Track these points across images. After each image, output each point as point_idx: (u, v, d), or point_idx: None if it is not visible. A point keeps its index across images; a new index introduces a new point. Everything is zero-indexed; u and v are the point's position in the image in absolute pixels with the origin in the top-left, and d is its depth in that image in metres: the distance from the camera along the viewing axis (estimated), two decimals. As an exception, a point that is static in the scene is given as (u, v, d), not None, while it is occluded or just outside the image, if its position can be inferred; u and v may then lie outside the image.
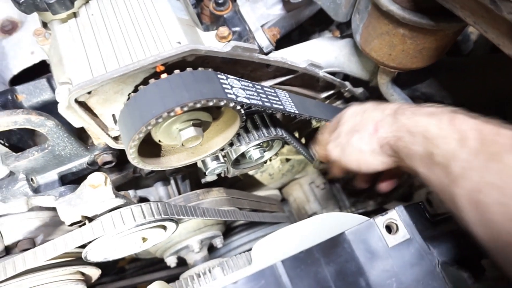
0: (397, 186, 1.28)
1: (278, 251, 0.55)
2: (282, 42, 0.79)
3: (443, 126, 0.44)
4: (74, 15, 0.57)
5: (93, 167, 0.68)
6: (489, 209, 0.36)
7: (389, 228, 0.49)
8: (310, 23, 0.94)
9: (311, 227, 0.57)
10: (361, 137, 0.57)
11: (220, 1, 0.74)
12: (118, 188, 0.85)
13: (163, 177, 0.91)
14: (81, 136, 0.68)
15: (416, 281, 0.44)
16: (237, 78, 0.56)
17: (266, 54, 0.74)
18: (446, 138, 0.43)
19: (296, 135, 0.97)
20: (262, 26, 0.74)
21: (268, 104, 0.59)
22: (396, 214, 0.48)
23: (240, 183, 1.16)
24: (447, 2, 0.46)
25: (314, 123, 0.93)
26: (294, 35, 0.93)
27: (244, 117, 0.57)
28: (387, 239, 0.46)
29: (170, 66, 0.52)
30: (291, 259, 0.42)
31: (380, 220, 0.48)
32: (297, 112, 0.65)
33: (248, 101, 0.55)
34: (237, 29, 0.74)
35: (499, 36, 0.41)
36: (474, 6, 0.42)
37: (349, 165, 0.60)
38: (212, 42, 0.57)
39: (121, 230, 0.56)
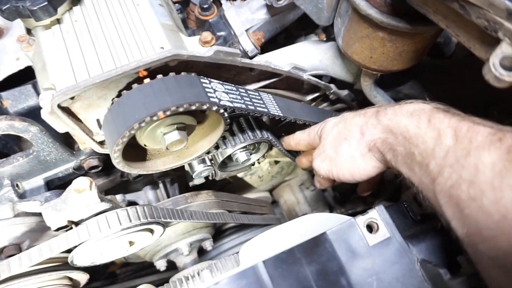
0: (385, 187, 1.30)
1: (264, 252, 0.56)
2: (268, 46, 0.80)
3: (421, 125, 0.45)
4: (58, 21, 0.58)
5: (80, 172, 0.68)
6: (464, 205, 0.37)
7: (370, 228, 0.50)
8: (296, 27, 0.95)
9: (296, 228, 0.58)
10: (349, 144, 0.56)
11: (205, 6, 0.75)
12: (107, 192, 0.85)
13: (151, 181, 0.91)
14: (67, 141, 0.68)
15: (396, 279, 0.45)
16: (221, 82, 0.57)
17: (251, 58, 0.75)
18: (424, 137, 0.44)
19: (284, 137, 0.98)
20: (246, 30, 0.75)
21: (252, 107, 0.60)
22: (377, 214, 0.49)
23: (230, 185, 1.17)
24: (421, 7, 0.48)
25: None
26: (280, 39, 0.94)
27: (228, 120, 0.58)
28: (368, 238, 0.47)
29: (153, 71, 0.52)
30: (273, 259, 0.42)
31: (361, 220, 0.49)
32: (281, 114, 0.66)
33: (231, 105, 0.55)
34: (222, 33, 0.75)
35: (470, 40, 0.43)
36: (446, 11, 0.43)
37: (341, 176, 0.59)
38: (195, 47, 0.58)
39: (107, 234, 0.57)
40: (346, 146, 0.56)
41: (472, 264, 0.38)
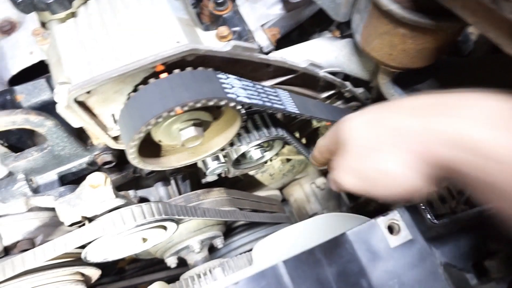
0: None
1: (278, 251, 0.55)
2: (282, 42, 0.79)
3: (498, 135, 0.33)
4: (73, 15, 0.57)
5: (93, 167, 0.68)
6: None
7: (391, 229, 0.49)
8: (310, 23, 0.94)
9: (312, 228, 0.57)
10: (387, 155, 0.41)
11: (219, 1, 0.74)
12: (118, 188, 0.85)
13: (163, 177, 0.91)
14: (80, 136, 0.68)
15: (418, 282, 0.44)
16: (238, 78, 0.56)
17: (266, 54, 0.74)
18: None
19: (297, 135, 0.97)
20: (262, 26, 0.74)
21: (269, 104, 0.59)
22: (398, 215, 0.48)
23: (240, 183, 1.16)
24: (447, 1, 0.46)
25: (315, 123, 0.93)
26: (294, 35, 0.92)
27: (245, 117, 0.57)
28: (389, 240, 0.46)
29: (170, 66, 0.51)
30: (293, 259, 0.42)
31: (382, 221, 0.48)
32: (298, 112, 0.65)
33: (248, 101, 0.54)
34: (236, 29, 0.74)
35: (500, 36, 0.41)
36: (475, 6, 0.42)
37: (376, 194, 0.44)
38: (211, 41, 0.57)
39: (121, 231, 0.56)
40: (382, 159, 0.42)
41: (501, 268, 0.36)
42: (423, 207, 0.57)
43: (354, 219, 0.53)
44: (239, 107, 0.53)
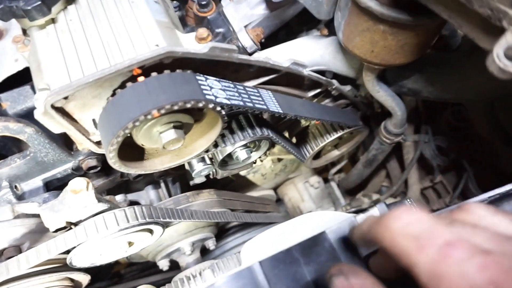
0: (392, 183, 1.28)
1: (265, 251, 0.55)
2: (269, 42, 0.79)
3: None
4: (53, 21, 0.57)
5: (79, 172, 0.68)
6: None
7: (371, 226, 0.48)
8: (297, 22, 0.93)
9: (296, 227, 0.56)
10: None
11: (203, 3, 0.74)
12: (108, 192, 0.85)
13: (153, 180, 0.91)
14: (66, 141, 0.68)
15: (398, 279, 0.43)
16: (217, 79, 0.56)
17: (250, 54, 0.73)
18: None
19: (286, 134, 0.97)
20: (245, 26, 0.73)
21: (250, 104, 0.59)
22: (378, 212, 0.48)
23: (232, 184, 1.16)
24: (422, -3, 0.46)
25: (304, 122, 0.93)
26: (281, 35, 0.92)
27: (226, 118, 0.57)
28: (369, 238, 0.46)
29: (148, 69, 0.51)
30: (269, 259, 0.41)
31: (361, 218, 0.48)
32: (281, 111, 0.65)
33: (228, 102, 0.54)
34: (221, 30, 0.74)
35: (473, 30, 0.41)
36: (448, 0, 0.42)
37: None
38: (191, 43, 0.57)
39: (105, 235, 0.56)
40: None
41: None
42: (409, 202, 0.57)
43: (336, 217, 0.52)
44: (218, 108, 0.53)
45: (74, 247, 0.56)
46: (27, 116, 0.71)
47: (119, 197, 0.83)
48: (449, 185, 1.24)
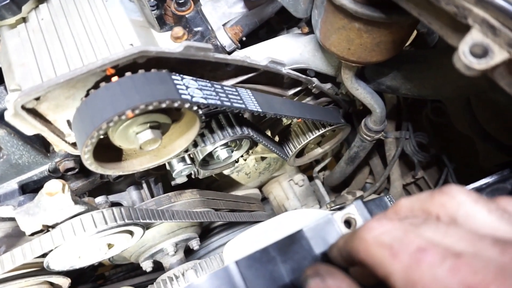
0: (375, 180, 1.29)
1: (247, 251, 0.55)
2: (249, 41, 0.79)
3: None
4: (24, 20, 0.56)
5: (56, 174, 0.67)
6: None
7: (348, 223, 0.49)
8: (278, 21, 0.93)
9: (275, 226, 0.56)
10: None
11: (181, 1, 0.73)
12: (90, 194, 0.84)
13: (134, 181, 0.90)
14: (44, 143, 0.66)
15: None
16: (194, 78, 0.56)
17: (229, 53, 0.73)
18: None
19: (268, 133, 0.97)
20: (224, 25, 0.73)
21: (228, 104, 0.58)
22: (355, 209, 0.48)
23: (217, 183, 1.16)
24: (393, -6, 0.46)
25: (285, 121, 0.93)
26: (262, 33, 0.92)
27: (204, 117, 0.57)
28: (345, 234, 0.46)
29: (122, 69, 0.51)
30: (246, 259, 0.41)
31: (339, 216, 0.48)
32: (260, 110, 0.65)
33: (205, 101, 0.54)
34: (199, 29, 0.73)
35: (442, 27, 0.42)
36: (417, -2, 0.42)
37: None
38: (167, 43, 0.57)
39: (82, 237, 0.55)
40: None
41: None
42: (389, 199, 0.58)
43: (314, 215, 0.53)
44: (195, 108, 0.53)
45: (51, 251, 0.55)
46: (2, 117, 0.69)
47: (100, 199, 0.82)
48: (431, 180, 1.26)
